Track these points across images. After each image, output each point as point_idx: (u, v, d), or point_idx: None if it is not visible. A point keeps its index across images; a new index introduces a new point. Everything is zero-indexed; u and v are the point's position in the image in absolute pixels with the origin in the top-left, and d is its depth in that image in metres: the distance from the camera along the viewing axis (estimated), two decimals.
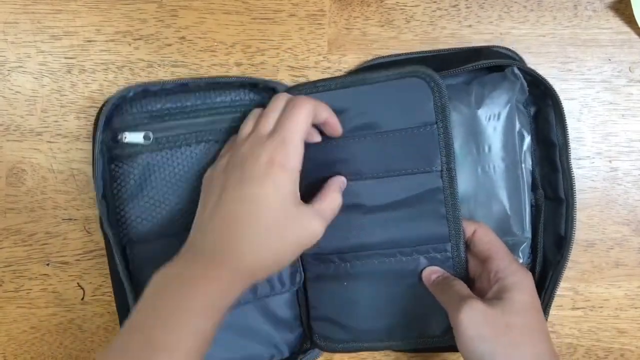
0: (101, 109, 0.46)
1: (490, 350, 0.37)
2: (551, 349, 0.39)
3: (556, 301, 0.51)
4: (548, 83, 0.45)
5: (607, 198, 0.51)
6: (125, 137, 0.45)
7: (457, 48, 0.50)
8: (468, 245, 0.45)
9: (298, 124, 0.40)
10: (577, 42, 0.50)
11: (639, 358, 0.52)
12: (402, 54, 0.50)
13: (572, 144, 0.47)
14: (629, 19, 0.50)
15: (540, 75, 0.45)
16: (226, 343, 0.46)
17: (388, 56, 0.50)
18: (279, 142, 0.40)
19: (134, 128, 0.46)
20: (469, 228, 0.45)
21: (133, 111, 0.46)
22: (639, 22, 0.49)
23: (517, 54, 0.49)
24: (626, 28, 0.50)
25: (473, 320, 0.38)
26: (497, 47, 0.49)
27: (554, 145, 0.47)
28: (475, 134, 0.46)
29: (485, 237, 0.44)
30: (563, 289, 0.51)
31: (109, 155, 0.46)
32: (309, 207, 0.41)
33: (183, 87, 0.47)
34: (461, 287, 0.42)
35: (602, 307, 0.51)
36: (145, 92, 0.46)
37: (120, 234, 0.46)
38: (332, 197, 0.43)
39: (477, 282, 0.44)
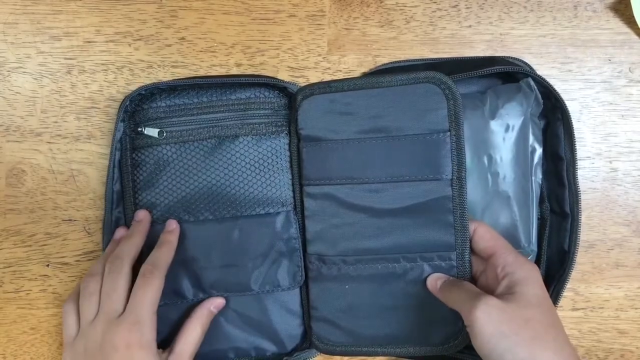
0: (123, 101, 0.48)
1: (512, 347, 0.36)
2: (569, 341, 0.39)
3: None
4: (559, 96, 0.45)
5: (607, 199, 0.51)
6: (144, 130, 0.48)
7: (471, 57, 0.50)
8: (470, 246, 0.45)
9: (148, 302, 0.42)
10: (577, 43, 0.50)
11: (639, 359, 0.52)
12: (415, 59, 0.50)
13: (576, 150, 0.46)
14: (628, 19, 0.50)
15: (552, 88, 0.45)
16: (231, 333, 0.48)
17: (401, 61, 0.50)
18: (134, 322, 0.41)
19: (153, 121, 0.48)
20: (469, 226, 0.44)
21: (152, 105, 0.48)
22: (639, 22, 0.49)
23: (529, 66, 0.49)
24: (626, 29, 0.50)
25: (491, 317, 0.37)
26: (511, 58, 0.49)
27: (561, 159, 0.46)
28: (487, 143, 0.46)
29: (486, 234, 0.44)
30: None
31: (132, 145, 0.48)
32: None
33: (198, 85, 0.49)
34: (471, 286, 0.42)
35: (602, 307, 0.51)
36: (162, 89, 0.48)
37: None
38: (188, 334, 0.44)
39: (481, 280, 0.44)
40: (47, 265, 0.52)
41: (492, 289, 0.41)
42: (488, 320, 0.37)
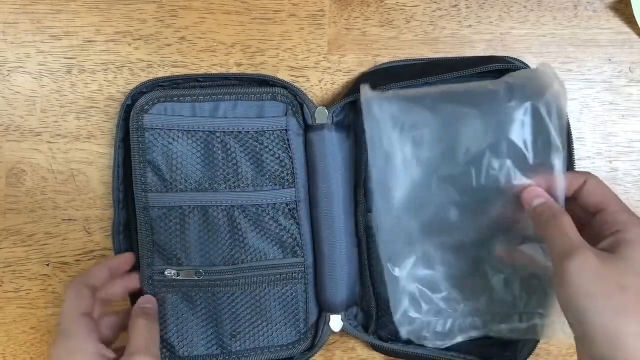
0: (125, 100, 0.48)
1: (597, 310, 0.34)
2: None
3: None
4: None
5: None
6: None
7: (469, 56, 0.50)
8: (576, 199, 0.41)
9: (65, 309, 0.43)
10: (578, 43, 0.50)
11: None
12: (414, 59, 0.50)
13: (573, 145, 0.46)
14: (629, 19, 0.50)
15: None
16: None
17: (400, 60, 0.50)
18: (59, 333, 0.42)
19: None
20: (578, 179, 0.40)
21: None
22: (639, 22, 0.49)
23: (528, 66, 0.48)
24: (626, 28, 0.50)
25: (583, 274, 0.35)
26: (510, 57, 0.49)
27: None
28: (504, 128, 0.43)
29: (598, 189, 0.40)
30: None
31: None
32: None
33: (196, 83, 0.49)
34: (571, 228, 0.38)
35: None
36: (163, 86, 0.49)
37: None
38: (133, 332, 0.43)
39: (584, 234, 0.39)
40: (47, 265, 0.52)
41: (593, 244, 0.37)
42: (578, 277, 0.35)
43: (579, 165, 0.50)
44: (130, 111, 0.48)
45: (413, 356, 0.48)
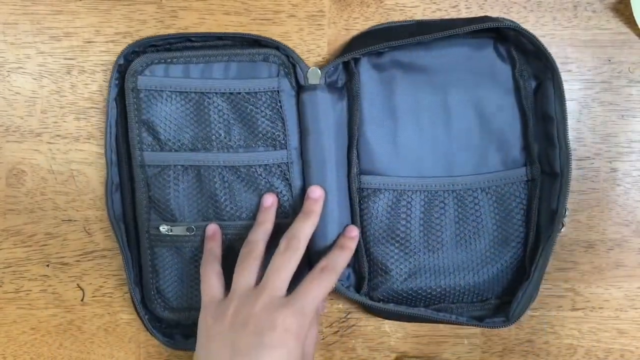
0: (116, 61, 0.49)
1: None
2: None
3: (556, 302, 0.51)
4: (549, 54, 0.45)
5: (607, 199, 0.51)
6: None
7: (461, 18, 0.49)
8: None
9: (319, 297, 0.42)
10: (577, 43, 0.50)
11: (639, 359, 0.52)
12: (406, 21, 0.50)
13: (572, 145, 0.47)
14: (628, 19, 0.50)
15: (542, 46, 0.45)
16: None
17: (392, 22, 0.50)
18: (298, 311, 0.41)
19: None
20: None
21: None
22: (639, 22, 0.49)
23: (519, 25, 0.47)
24: (626, 29, 0.50)
25: None
26: (501, 17, 0.48)
27: (551, 119, 0.46)
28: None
29: None
30: (563, 290, 0.51)
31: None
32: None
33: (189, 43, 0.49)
34: None
35: (602, 307, 0.51)
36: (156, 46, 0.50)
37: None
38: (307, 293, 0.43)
39: None
40: (47, 266, 0.52)
41: None
42: None
43: (579, 165, 0.50)
44: (122, 71, 0.49)
45: (405, 316, 0.48)
